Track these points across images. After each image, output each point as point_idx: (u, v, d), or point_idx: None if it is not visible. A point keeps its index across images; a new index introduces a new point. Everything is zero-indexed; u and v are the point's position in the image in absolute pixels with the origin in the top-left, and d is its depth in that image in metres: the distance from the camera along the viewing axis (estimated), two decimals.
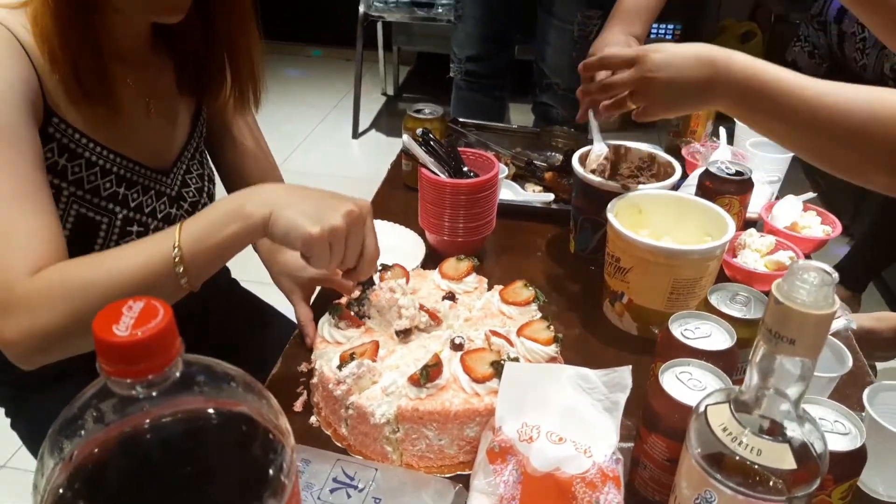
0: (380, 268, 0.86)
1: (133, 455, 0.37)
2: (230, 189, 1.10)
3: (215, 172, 1.07)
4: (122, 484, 0.37)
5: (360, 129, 3.27)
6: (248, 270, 1.30)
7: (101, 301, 0.67)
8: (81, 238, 0.83)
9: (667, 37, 3.11)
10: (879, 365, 1.60)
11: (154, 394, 0.36)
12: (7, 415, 1.02)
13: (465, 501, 0.65)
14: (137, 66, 0.88)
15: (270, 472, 0.38)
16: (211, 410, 0.39)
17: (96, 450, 0.37)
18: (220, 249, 0.70)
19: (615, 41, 1.12)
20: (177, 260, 0.68)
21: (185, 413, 0.38)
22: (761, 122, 0.76)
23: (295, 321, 0.91)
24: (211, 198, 1.03)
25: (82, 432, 0.37)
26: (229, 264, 1.22)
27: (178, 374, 0.37)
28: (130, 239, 0.87)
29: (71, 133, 0.79)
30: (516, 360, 0.72)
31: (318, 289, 0.94)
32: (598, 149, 1.09)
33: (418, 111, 1.25)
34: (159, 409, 0.37)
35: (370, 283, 0.80)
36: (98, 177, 0.83)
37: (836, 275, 0.47)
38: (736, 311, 0.75)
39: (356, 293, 0.81)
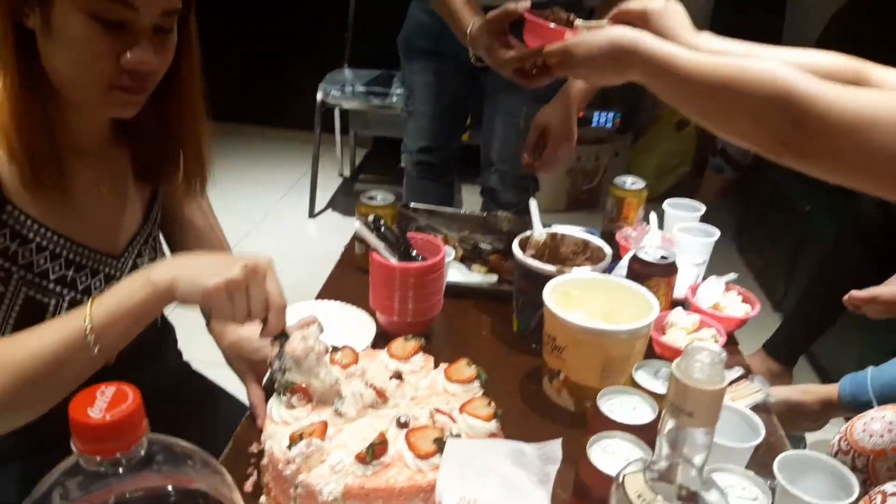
0: (330, 349, 0.91)
1: None
2: None
3: (168, 257, 1.11)
4: None
5: (317, 209, 3.35)
6: (200, 351, 1.33)
7: (21, 377, 0.73)
8: (29, 319, 0.85)
9: (607, 125, 3.32)
10: (810, 436, 1.68)
11: (120, 471, 0.40)
12: None
13: None
14: (94, 156, 0.92)
15: None
16: (170, 487, 0.43)
17: None
18: (130, 318, 0.76)
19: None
20: (88, 330, 0.74)
21: (146, 490, 0.42)
22: (661, 91, 0.86)
23: (246, 402, 0.94)
24: None
25: None
26: (181, 346, 1.25)
27: (142, 453, 0.41)
28: None
29: (23, 220, 0.83)
30: (458, 436, 0.77)
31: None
32: (538, 234, 1.19)
33: (371, 198, 1.33)
34: (123, 485, 0.41)
35: (284, 336, 0.84)
36: (47, 260, 0.86)
37: (724, 354, 0.55)
38: (658, 387, 0.82)
39: (275, 349, 0.84)
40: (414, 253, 1.14)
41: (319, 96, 3.11)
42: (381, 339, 1.07)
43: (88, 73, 0.80)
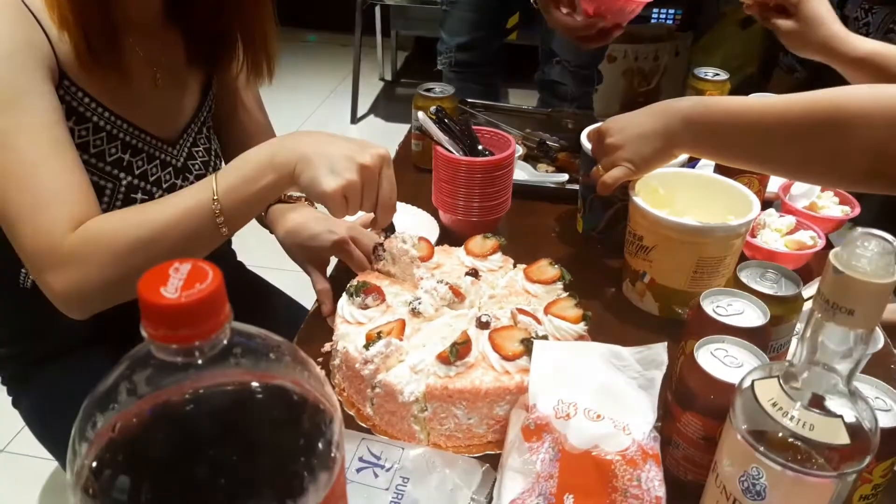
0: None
1: (178, 426, 0.35)
2: None
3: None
4: (168, 456, 0.35)
5: (359, 115, 3.23)
6: (254, 254, 1.28)
7: (146, 251, 0.72)
8: None
9: (668, 21, 3.08)
10: None
11: (200, 362, 0.34)
12: (9, 393, 1.00)
13: (493, 481, 0.63)
14: (147, 36, 0.86)
15: (320, 445, 0.36)
16: (257, 382, 0.37)
17: (135, 420, 0.35)
18: (257, 199, 0.75)
19: None
20: (217, 211, 0.73)
21: (232, 384, 0.36)
22: (717, 154, 0.82)
23: (304, 304, 0.89)
24: None
25: (119, 403, 0.35)
26: (235, 248, 1.20)
27: (224, 342, 0.34)
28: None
29: (81, 97, 0.78)
30: (545, 337, 0.70)
31: (334, 261, 0.92)
32: None
33: (429, 90, 1.22)
34: (204, 379, 0.35)
35: (391, 229, 0.83)
36: (104, 142, 0.82)
37: None
38: (767, 288, 0.73)
39: (379, 240, 0.84)
40: (481, 147, 1.05)
41: None
42: (444, 239, 1.00)
43: None
